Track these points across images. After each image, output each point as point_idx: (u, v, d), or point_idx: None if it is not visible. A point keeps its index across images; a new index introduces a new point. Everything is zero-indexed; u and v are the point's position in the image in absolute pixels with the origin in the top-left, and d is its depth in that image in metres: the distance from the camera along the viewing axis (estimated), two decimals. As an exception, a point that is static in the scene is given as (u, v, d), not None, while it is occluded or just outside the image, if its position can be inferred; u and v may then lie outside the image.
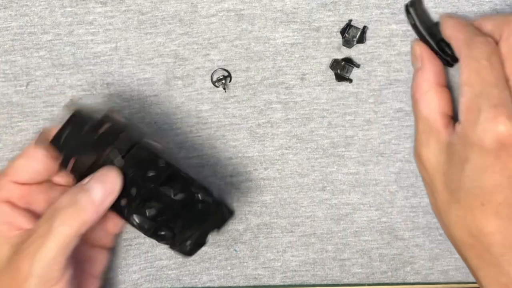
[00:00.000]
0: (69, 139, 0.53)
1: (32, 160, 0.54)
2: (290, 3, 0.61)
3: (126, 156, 0.52)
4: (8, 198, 0.54)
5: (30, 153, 0.55)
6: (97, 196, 0.51)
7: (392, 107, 0.62)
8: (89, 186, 0.51)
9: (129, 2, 0.61)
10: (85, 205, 0.51)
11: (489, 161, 0.49)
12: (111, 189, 0.51)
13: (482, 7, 0.60)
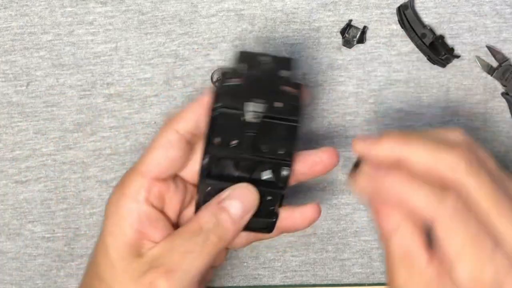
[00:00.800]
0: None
1: (169, 150, 0.50)
2: (290, 3, 0.61)
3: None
4: (147, 199, 0.50)
5: (165, 143, 0.50)
6: (237, 215, 0.49)
7: (392, 107, 0.62)
8: (228, 205, 0.49)
9: (129, 2, 0.61)
10: (228, 226, 0.49)
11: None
12: (250, 207, 0.50)
13: (482, 7, 0.61)
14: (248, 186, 0.50)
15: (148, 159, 0.50)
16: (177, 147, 0.50)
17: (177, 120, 0.50)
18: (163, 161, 0.50)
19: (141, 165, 0.50)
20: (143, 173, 0.50)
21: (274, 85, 0.49)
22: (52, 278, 0.64)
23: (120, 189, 0.50)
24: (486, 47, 0.61)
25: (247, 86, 0.48)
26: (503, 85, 0.61)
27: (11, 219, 0.63)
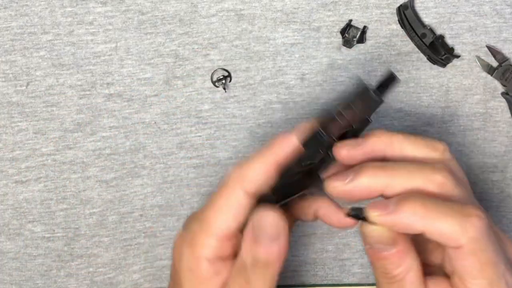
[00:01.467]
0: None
1: (237, 213, 0.48)
2: (290, 3, 0.61)
3: None
4: (218, 255, 0.49)
5: (233, 204, 0.49)
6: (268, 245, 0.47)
7: (392, 107, 0.62)
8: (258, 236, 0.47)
9: (129, 2, 0.61)
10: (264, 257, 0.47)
11: None
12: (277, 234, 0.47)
13: (482, 7, 0.61)
14: (263, 214, 0.48)
15: (218, 221, 0.49)
16: (249, 208, 0.48)
17: (246, 180, 0.48)
18: (233, 224, 0.49)
19: (212, 226, 0.49)
20: (213, 234, 0.49)
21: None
22: (52, 278, 0.64)
23: (192, 250, 0.50)
24: (486, 47, 0.61)
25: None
26: (503, 85, 0.61)
27: (11, 219, 0.63)
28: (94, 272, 0.64)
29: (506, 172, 0.63)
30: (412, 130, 0.62)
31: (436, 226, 0.44)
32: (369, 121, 0.49)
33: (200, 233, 0.49)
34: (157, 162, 0.63)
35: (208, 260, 0.49)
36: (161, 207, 0.64)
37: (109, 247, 0.64)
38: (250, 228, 0.48)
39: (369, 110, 0.48)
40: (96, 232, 0.64)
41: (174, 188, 0.63)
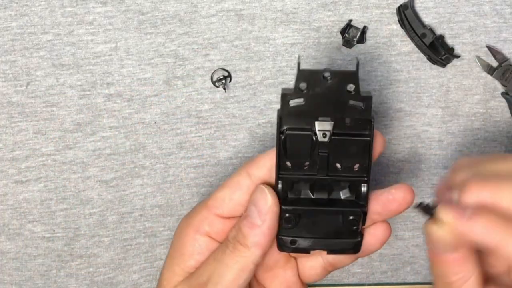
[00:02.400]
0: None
1: (236, 191, 0.50)
2: (290, 3, 0.61)
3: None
4: (208, 233, 0.51)
5: (234, 184, 0.50)
6: (254, 219, 0.48)
7: (392, 107, 0.62)
8: (248, 211, 0.49)
9: (129, 2, 0.61)
10: (246, 231, 0.48)
11: None
12: (263, 208, 0.48)
13: (482, 7, 0.61)
14: (259, 188, 0.49)
15: (216, 195, 0.51)
16: (245, 190, 0.50)
17: (251, 165, 0.50)
18: (228, 201, 0.50)
19: (209, 199, 0.51)
20: (208, 207, 0.51)
21: (340, 100, 0.45)
22: (52, 278, 0.64)
23: (187, 218, 0.52)
24: (486, 47, 0.61)
25: (312, 104, 0.45)
26: (503, 85, 0.61)
27: (11, 219, 0.63)
28: (94, 272, 0.64)
29: (506, 172, 0.63)
30: (412, 130, 0.62)
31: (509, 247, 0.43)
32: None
33: (199, 206, 0.51)
34: (157, 162, 0.63)
35: (201, 232, 0.50)
36: (161, 207, 0.64)
37: (109, 247, 0.64)
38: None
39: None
40: (96, 232, 0.64)
41: (174, 188, 0.63)
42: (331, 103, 0.45)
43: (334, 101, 0.45)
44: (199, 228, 0.51)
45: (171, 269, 0.51)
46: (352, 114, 0.45)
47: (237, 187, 0.50)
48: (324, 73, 0.44)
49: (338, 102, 0.45)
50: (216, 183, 0.63)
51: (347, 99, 0.45)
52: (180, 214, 0.63)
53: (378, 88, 0.62)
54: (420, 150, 0.63)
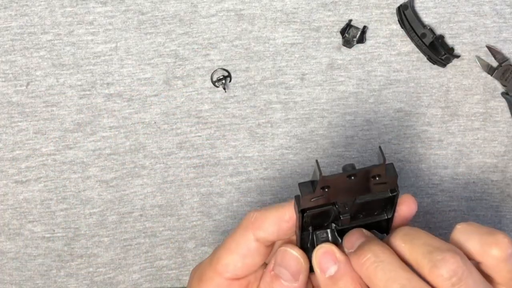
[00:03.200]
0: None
1: (247, 257, 0.49)
2: (290, 3, 0.61)
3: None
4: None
5: (243, 250, 0.49)
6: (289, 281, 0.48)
7: (392, 107, 0.62)
8: (279, 272, 0.48)
9: (129, 2, 0.61)
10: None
11: None
12: (297, 271, 0.48)
13: (482, 7, 0.61)
14: (286, 251, 0.48)
15: (225, 261, 0.49)
16: (257, 254, 0.49)
17: (257, 227, 0.49)
18: (240, 266, 0.49)
19: (219, 264, 0.50)
20: (219, 273, 0.50)
21: (364, 187, 0.44)
22: (52, 278, 0.64)
23: (199, 283, 0.51)
24: (486, 47, 0.61)
25: (333, 194, 0.44)
26: (503, 85, 0.61)
27: (11, 219, 0.63)
28: (94, 272, 0.64)
29: (506, 172, 0.63)
30: (412, 130, 0.62)
31: None
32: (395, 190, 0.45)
33: (209, 269, 0.50)
34: (157, 162, 0.63)
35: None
36: (161, 207, 0.64)
37: (109, 247, 0.64)
38: (272, 264, 0.48)
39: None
40: (96, 232, 0.64)
41: (174, 188, 0.63)
42: (353, 191, 0.45)
43: (356, 189, 0.44)
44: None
45: None
46: (376, 191, 0.45)
47: (247, 252, 0.49)
48: (348, 174, 0.43)
49: (361, 188, 0.45)
50: (216, 183, 0.63)
51: (371, 183, 0.44)
52: (180, 214, 0.63)
53: (378, 88, 0.62)
54: (420, 150, 0.63)
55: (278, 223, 0.48)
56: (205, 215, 0.64)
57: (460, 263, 0.42)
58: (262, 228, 0.48)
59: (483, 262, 0.44)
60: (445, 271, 0.42)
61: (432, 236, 0.44)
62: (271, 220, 0.48)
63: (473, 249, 0.44)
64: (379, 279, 0.43)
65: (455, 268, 0.42)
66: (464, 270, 0.42)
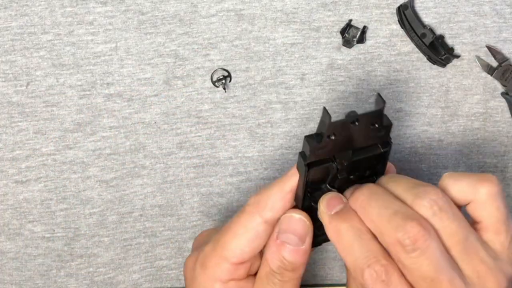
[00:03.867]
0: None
1: (255, 240, 0.49)
2: (290, 3, 0.61)
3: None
4: (231, 278, 0.51)
5: (251, 233, 0.49)
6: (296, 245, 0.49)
7: (392, 107, 0.62)
8: (285, 239, 0.49)
9: (129, 2, 0.61)
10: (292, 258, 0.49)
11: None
12: (304, 233, 0.49)
13: (482, 7, 0.61)
14: (291, 216, 0.49)
15: (233, 245, 0.50)
16: (264, 236, 0.50)
17: (263, 207, 0.49)
18: (248, 250, 0.50)
19: (225, 250, 0.50)
20: (227, 258, 0.50)
21: (363, 135, 0.46)
22: (52, 278, 0.64)
23: (204, 271, 0.51)
24: (486, 47, 0.61)
25: (336, 144, 0.46)
26: (503, 85, 0.61)
27: (11, 219, 0.63)
28: (94, 272, 0.64)
29: (506, 172, 0.63)
30: (412, 130, 0.62)
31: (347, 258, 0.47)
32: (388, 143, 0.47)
33: (213, 255, 0.50)
34: (157, 162, 0.63)
35: (221, 281, 0.50)
36: (161, 207, 0.64)
37: (109, 247, 0.64)
38: (276, 233, 0.49)
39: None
40: (96, 232, 0.64)
41: (174, 188, 0.63)
42: (355, 140, 0.46)
43: (358, 138, 0.46)
44: (222, 278, 0.50)
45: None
46: (372, 141, 0.47)
47: (255, 235, 0.49)
48: (352, 119, 0.45)
49: (362, 137, 0.46)
50: (216, 183, 0.63)
51: (370, 132, 0.46)
52: (180, 214, 0.63)
53: (378, 88, 0.62)
54: (420, 150, 0.63)
55: (282, 197, 0.49)
56: (205, 215, 0.64)
57: (440, 195, 0.45)
58: (268, 207, 0.49)
59: (472, 200, 0.46)
60: (426, 201, 0.44)
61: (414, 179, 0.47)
62: (275, 197, 0.49)
63: (462, 190, 0.46)
64: (373, 206, 0.45)
65: (436, 198, 0.44)
66: (444, 201, 0.45)
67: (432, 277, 0.43)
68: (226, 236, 0.50)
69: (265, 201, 0.49)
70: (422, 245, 0.43)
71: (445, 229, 0.44)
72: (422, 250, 0.43)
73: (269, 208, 0.49)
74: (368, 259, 0.44)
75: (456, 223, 0.45)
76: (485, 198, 0.46)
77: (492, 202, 0.46)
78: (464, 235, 0.45)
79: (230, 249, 0.50)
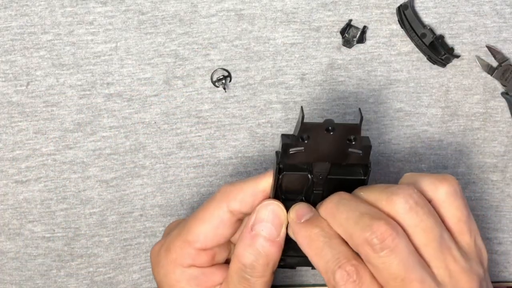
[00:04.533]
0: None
1: (219, 227, 0.50)
2: (290, 3, 0.61)
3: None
4: (193, 263, 0.51)
5: (216, 219, 0.50)
6: (272, 235, 0.49)
7: (392, 107, 0.62)
8: (259, 229, 0.48)
9: (129, 2, 0.61)
10: (268, 250, 0.48)
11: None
12: (280, 222, 0.49)
13: (482, 7, 0.61)
14: (269, 204, 0.49)
15: (197, 230, 0.50)
16: (228, 225, 0.50)
17: (232, 198, 0.49)
18: (211, 236, 0.50)
19: (189, 234, 0.50)
20: (190, 242, 0.50)
21: (340, 148, 0.46)
22: (52, 278, 0.64)
23: (167, 254, 0.51)
24: (486, 47, 0.61)
25: (311, 152, 0.46)
26: (503, 85, 0.61)
27: (11, 219, 0.63)
28: (94, 272, 0.64)
29: (506, 172, 0.63)
30: (412, 130, 0.62)
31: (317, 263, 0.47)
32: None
33: (177, 239, 0.51)
34: (157, 162, 0.63)
35: (183, 265, 0.50)
36: (161, 207, 0.64)
37: (109, 247, 0.64)
38: (251, 224, 0.49)
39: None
40: (96, 232, 0.64)
41: (174, 188, 0.63)
42: (330, 151, 0.46)
43: (334, 149, 0.46)
44: (183, 263, 0.51)
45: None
46: (350, 160, 0.46)
47: (220, 223, 0.50)
48: (327, 126, 0.45)
49: (337, 150, 0.46)
50: (216, 183, 0.63)
51: (347, 147, 0.46)
52: (180, 214, 0.63)
53: (378, 88, 0.62)
54: (420, 150, 0.63)
55: (253, 194, 0.49)
56: (205, 215, 0.64)
57: (415, 190, 0.45)
58: (237, 199, 0.49)
59: (433, 199, 0.46)
60: (401, 196, 0.44)
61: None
62: (246, 191, 0.49)
63: (422, 189, 0.46)
64: (341, 211, 0.45)
65: (411, 193, 0.44)
66: (419, 196, 0.45)
67: (402, 277, 0.43)
68: (192, 221, 0.50)
69: (236, 193, 0.49)
70: (391, 244, 0.43)
71: (422, 223, 0.44)
72: (390, 249, 0.43)
73: (238, 200, 0.49)
74: (339, 261, 0.44)
75: (432, 218, 0.44)
76: (445, 197, 0.46)
77: (452, 201, 0.46)
78: (439, 231, 0.45)
79: (194, 233, 0.50)
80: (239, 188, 0.49)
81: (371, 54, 0.61)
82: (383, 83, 0.62)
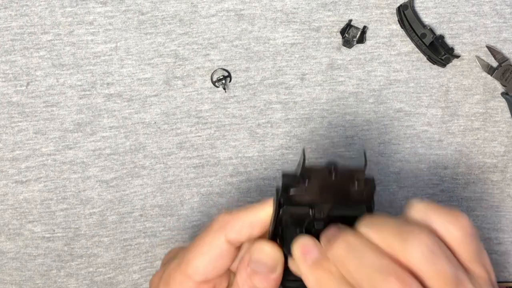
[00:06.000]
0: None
1: (218, 260, 0.49)
2: (290, 3, 0.61)
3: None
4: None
5: (214, 252, 0.49)
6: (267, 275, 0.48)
7: (392, 107, 0.62)
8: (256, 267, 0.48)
9: (129, 2, 0.61)
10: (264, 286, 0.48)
11: None
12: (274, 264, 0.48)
13: (482, 7, 0.61)
14: (264, 246, 0.48)
15: (196, 263, 0.49)
16: (227, 256, 0.49)
17: (230, 228, 0.48)
18: (211, 268, 0.49)
19: (189, 267, 0.49)
20: (189, 276, 0.49)
21: (343, 190, 0.45)
22: (52, 278, 0.64)
23: (167, 286, 0.50)
24: (486, 47, 0.61)
25: (313, 193, 0.45)
26: (503, 85, 0.61)
27: (11, 219, 0.63)
28: (94, 272, 0.64)
29: (506, 172, 0.63)
30: (412, 130, 0.62)
31: None
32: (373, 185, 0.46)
33: (177, 273, 0.50)
34: (157, 162, 0.63)
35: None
36: (161, 207, 0.64)
37: (109, 247, 0.64)
38: (247, 261, 0.48)
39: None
40: (96, 232, 0.64)
41: (174, 188, 0.63)
42: (333, 193, 0.45)
43: (336, 191, 0.45)
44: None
45: None
46: (353, 200, 0.46)
47: (218, 254, 0.49)
48: (330, 169, 0.44)
49: (340, 192, 0.45)
50: (216, 183, 0.63)
51: (350, 189, 0.45)
52: (180, 214, 0.63)
53: (378, 88, 0.62)
54: (420, 150, 0.63)
55: (251, 224, 0.48)
56: (205, 215, 0.64)
57: (430, 237, 0.43)
58: (234, 230, 0.48)
59: (446, 239, 0.45)
60: (416, 245, 0.43)
61: (395, 217, 0.45)
62: (244, 222, 0.48)
63: (435, 228, 0.45)
64: (351, 259, 0.44)
65: (427, 242, 0.43)
66: (434, 242, 0.43)
67: None
68: (191, 254, 0.49)
69: (233, 223, 0.48)
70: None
71: (437, 272, 0.43)
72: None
73: (235, 230, 0.48)
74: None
75: (447, 265, 0.43)
76: (459, 241, 0.45)
77: (466, 244, 0.45)
78: (455, 274, 0.43)
79: (194, 267, 0.49)
80: (237, 218, 0.48)
81: (371, 54, 0.61)
82: (383, 83, 0.62)
